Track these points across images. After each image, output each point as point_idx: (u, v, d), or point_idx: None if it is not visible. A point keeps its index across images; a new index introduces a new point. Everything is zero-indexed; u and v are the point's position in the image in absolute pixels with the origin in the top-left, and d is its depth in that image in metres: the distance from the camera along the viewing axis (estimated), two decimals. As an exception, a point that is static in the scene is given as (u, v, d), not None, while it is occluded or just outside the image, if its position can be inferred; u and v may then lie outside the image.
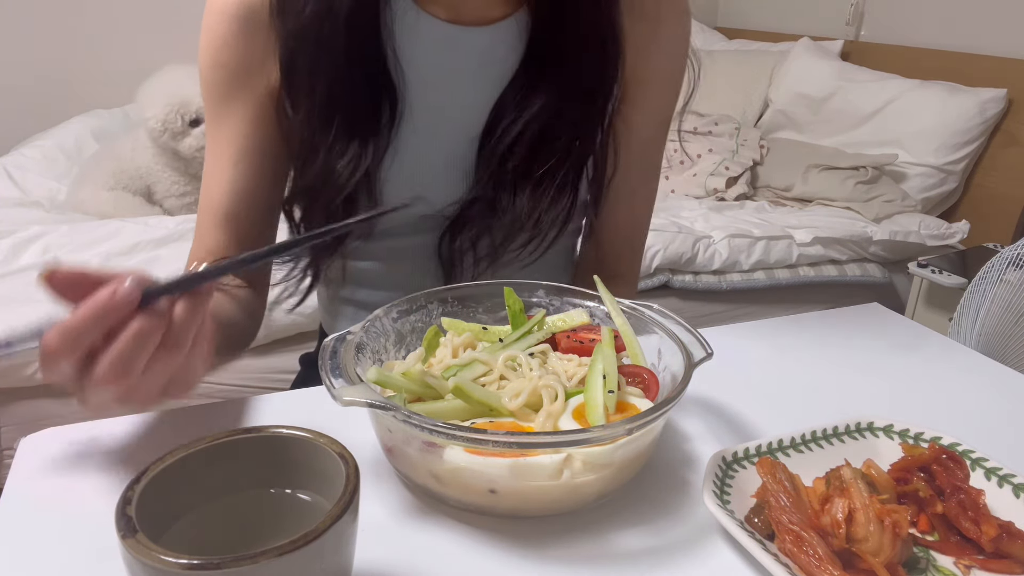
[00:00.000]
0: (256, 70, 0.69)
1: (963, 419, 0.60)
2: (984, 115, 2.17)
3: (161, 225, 1.83)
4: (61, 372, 0.42)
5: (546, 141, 0.69)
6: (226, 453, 0.38)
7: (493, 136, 0.70)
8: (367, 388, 0.45)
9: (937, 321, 1.95)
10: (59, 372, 0.42)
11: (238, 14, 0.67)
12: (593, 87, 0.70)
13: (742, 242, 1.98)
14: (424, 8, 0.68)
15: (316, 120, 0.67)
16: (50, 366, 0.42)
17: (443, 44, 0.69)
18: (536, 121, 0.69)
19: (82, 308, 0.41)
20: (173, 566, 0.30)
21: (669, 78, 0.76)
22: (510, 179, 0.70)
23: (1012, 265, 1.39)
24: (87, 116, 2.55)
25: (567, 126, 0.70)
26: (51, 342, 0.41)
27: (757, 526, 0.44)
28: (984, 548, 0.44)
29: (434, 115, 0.70)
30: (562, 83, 0.69)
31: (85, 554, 0.43)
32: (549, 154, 0.69)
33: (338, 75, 0.66)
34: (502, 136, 0.69)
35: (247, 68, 0.69)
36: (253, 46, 0.68)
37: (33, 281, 1.60)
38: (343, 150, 0.67)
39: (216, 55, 0.69)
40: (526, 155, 0.69)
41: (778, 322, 0.79)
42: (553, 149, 0.69)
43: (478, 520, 0.46)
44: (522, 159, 0.69)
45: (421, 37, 0.69)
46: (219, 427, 0.38)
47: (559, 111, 0.69)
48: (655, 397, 0.51)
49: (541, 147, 0.69)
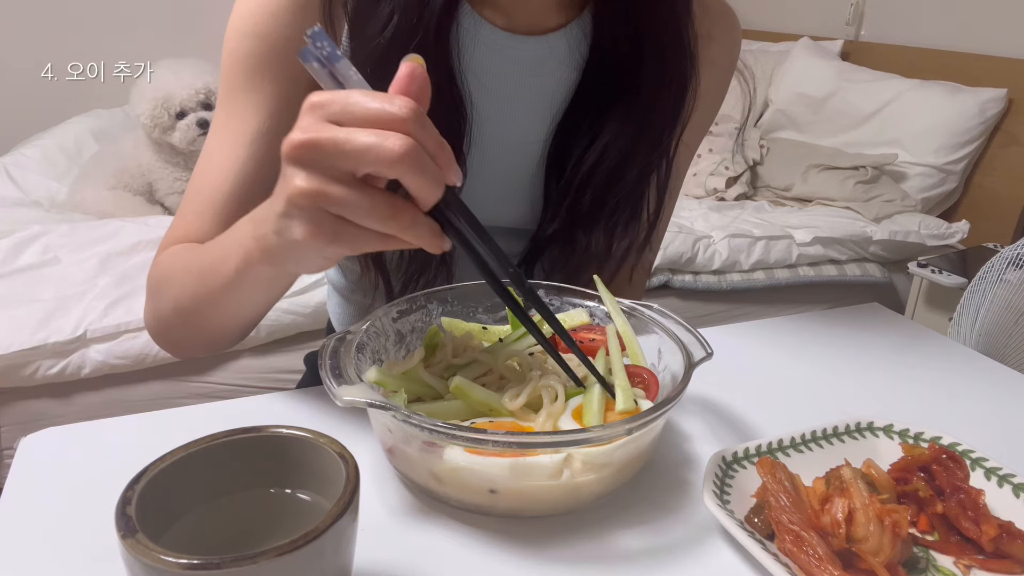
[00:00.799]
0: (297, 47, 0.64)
1: (963, 419, 0.60)
2: (984, 115, 2.17)
3: (161, 225, 1.83)
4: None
5: (622, 171, 0.66)
6: (226, 453, 0.38)
7: (566, 164, 0.66)
8: (367, 388, 0.45)
9: (937, 321, 1.95)
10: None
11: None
12: (669, 110, 0.66)
13: (742, 242, 1.98)
14: (481, 14, 0.65)
15: None
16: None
17: (497, 53, 0.65)
18: (612, 151, 0.65)
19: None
20: (173, 566, 0.30)
21: (716, 95, 0.74)
22: (586, 212, 0.67)
23: (1012, 265, 1.39)
24: (87, 116, 2.55)
25: (642, 154, 0.66)
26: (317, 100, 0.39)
27: (757, 526, 0.44)
28: (984, 548, 0.44)
29: (493, 128, 0.67)
30: (639, 109, 0.65)
31: (85, 554, 0.43)
32: (624, 184, 0.67)
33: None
34: (576, 166, 0.66)
35: (289, 42, 0.62)
36: (303, 23, 0.61)
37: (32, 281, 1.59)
38: None
39: (257, 25, 0.62)
40: (603, 186, 0.66)
41: (778, 322, 0.79)
42: (627, 179, 0.67)
43: (478, 520, 0.46)
44: (598, 190, 0.66)
45: (479, 45, 0.65)
46: (219, 427, 0.38)
47: (636, 140, 0.65)
48: (655, 397, 0.51)
49: (617, 177, 0.66)
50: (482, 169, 0.68)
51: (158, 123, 1.95)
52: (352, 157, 0.39)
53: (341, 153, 0.39)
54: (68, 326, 1.44)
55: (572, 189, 0.67)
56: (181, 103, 1.95)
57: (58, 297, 1.52)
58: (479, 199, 0.66)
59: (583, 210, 0.67)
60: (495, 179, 0.69)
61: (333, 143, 0.39)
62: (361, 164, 0.39)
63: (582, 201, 0.67)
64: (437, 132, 0.41)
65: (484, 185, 0.68)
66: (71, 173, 2.20)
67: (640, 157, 0.67)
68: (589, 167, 0.66)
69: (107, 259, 1.67)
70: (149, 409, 0.56)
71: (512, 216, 0.71)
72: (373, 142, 0.38)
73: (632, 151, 0.66)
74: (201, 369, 1.56)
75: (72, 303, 1.50)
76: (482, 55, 0.65)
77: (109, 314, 1.48)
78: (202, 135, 1.98)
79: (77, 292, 1.54)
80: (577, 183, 0.67)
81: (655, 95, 0.65)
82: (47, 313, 1.46)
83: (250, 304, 0.59)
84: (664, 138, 0.67)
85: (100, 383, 1.49)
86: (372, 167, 0.39)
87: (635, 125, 0.65)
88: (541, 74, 0.67)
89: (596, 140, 0.66)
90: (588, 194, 0.67)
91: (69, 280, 1.59)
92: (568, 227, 0.68)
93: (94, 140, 2.43)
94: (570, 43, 0.67)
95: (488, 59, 0.65)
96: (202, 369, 1.56)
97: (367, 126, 0.39)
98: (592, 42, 0.67)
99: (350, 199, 0.40)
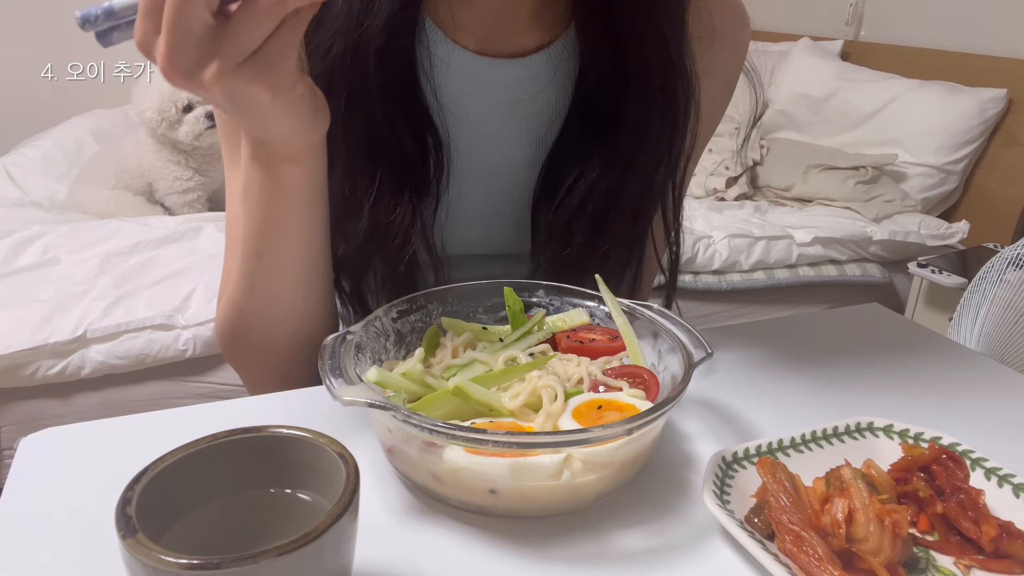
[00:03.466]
0: None
1: (963, 419, 0.60)
2: (984, 115, 2.17)
3: (161, 225, 1.84)
4: (156, 6, 0.39)
5: (608, 215, 0.61)
6: (226, 453, 0.38)
7: (554, 199, 0.62)
8: (367, 388, 0.45)
9: (937, 321, 1.95)
10: (156, 6, 0.39)
11: None
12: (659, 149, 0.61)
13: (742, 242, 1.98)
14: (455, 40, 0.61)
15: (356, 173, 0.59)
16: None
17: (472, 78, 0.62)
18: (599, 191, 0.60)
19: None
20: (173, 566, 0.30)
21: (722, 100, 0.70)
22: (574, 258, 0.62)
23: (1012, 265, 1.39)
24: (87, 116, 2.56)
25: (633, 197, 0.61)
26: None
27: (757, 526, 0.44)
28: (984, 548, 0.44)
29: (475, 156, 0.64)
30: (628, 142, 0.60)
31: (85, 554, 0.43)
32: (612, 230, 0.62)
33: (374, 119, 0.58)
34: (561, 206, 0.61)
35: None
36: None
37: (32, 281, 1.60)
38: (393, 202, 0.59)
39: None
40: (589, 232, 0.61)
41: (778, 322, 0.79)
42: (616, 225, 0.61)
43: (478, 520, 0.46)
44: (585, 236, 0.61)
45: (453, 72, 0.62)
46: (219, 427, 0.38)
47: (623, 180, 0.61)
48: (655, 397, 0.51)
49: (604, 222, 0.61)
50: (466, 198, 0.65)
51: (165, 117, 1.95)
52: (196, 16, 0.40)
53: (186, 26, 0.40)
54: (68, 326, 1.44)
55: (557, 232, 0.62)
56: (188, 96, 1.95)
57: (58, 297, 1.52)
58: (466, 228, 0.66)
59: (571, 257, 0.62)
60: (482, 208, 0.66)
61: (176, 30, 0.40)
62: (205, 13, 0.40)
63: (570, 244, 0.62)
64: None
65: (469, 214, 0.66)
66: (71, 173, 2.21)
67: (630, 200, 0.62)
68: (575, 207, 0.61)
69: (107, 259, 1.67)
70: (149, 409, 0.56)
71: (504, 243, 0.68)
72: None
73: (619, 192, 0.61)
74: (201, 369, 1.56)
75: (72, 303, 1.50)
76: (456, 82, 0.62)
77: (109, 314, 1.48)
78: (210, 127, 1.97)
79: (77, 292, 1.54)
80: (562, 226, 0.62)
81: (641, 132, 0.60)
82: (47, 313, 1.46)
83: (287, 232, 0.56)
84: (656, 179, 0.62)
85: (100, 383, 1.49)
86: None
87: (623, 164, 0.60)
88: (523, 99, 0.63)
89: (583, 175, 0.61)
90: (576, 238, 0.62)
91: (69, 280, 1.59)
92: (555, 273, 0.62)
93: (94, 140, 2.43)
94: (555, 64, 0.62)
95: (463, 86, 0.62)
96: (202, 369, 1.56)
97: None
98: (580, 62, 0.62)
99: (229, 40, 0.41)
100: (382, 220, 0.60)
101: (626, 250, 0.65)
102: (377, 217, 0.60)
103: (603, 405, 0.49)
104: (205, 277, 1.62)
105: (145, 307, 1.51)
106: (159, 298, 1.55)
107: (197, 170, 2.07)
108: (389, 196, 0.60)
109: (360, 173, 0.60)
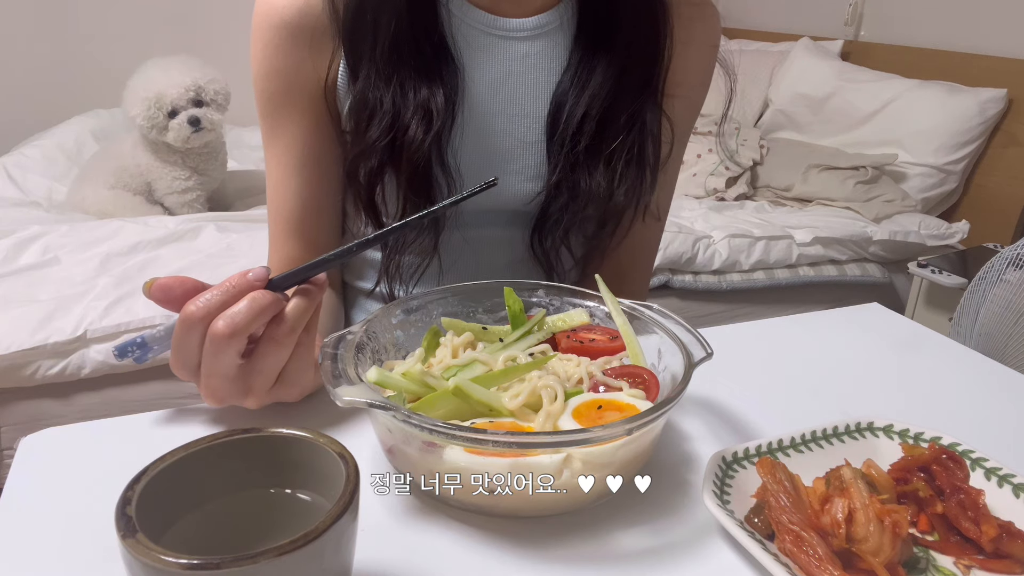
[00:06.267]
0: (307, 75, 0.69)
1: (963, 419, 0.60)
2: (984, 115, 2.17)
3: (161, 225, 1.83)
4: (189, 348, 0.49)
5: (611, 118, 0.70)
6: (226, 453, 0.38)
7: (560, 120, 0.71)
8: (367, 388, 0.45)
9: (937, 321, 1.95)
10: (188, 348, 0.49)
11: (286, 21, 0.67)
12: (647, 57, 0.71)
13: (742, 242, 1.98)
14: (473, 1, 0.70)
15: (378, 76, 0.67)
16: (184, 337, 0.49)
17: (486, 32, 0.70)
18: (598, 99, 0.69)
19: (219, 284, 0.49)
20: (173, 566, 0.30)
21: (704, 73, 0.78)
22: (583, 160, 0.70)
23: (1012, 265, 1.39)
24: (87, 116, 2.55)
25: (628, 100, 0.70)
26: (190, 309, 0.48)
27: (757, 526, 0.44)
28: (984, 548, 0.44)
29: (492, 93, 0.71)
30: (618, 58, 0.70)
31: (85, 554, 0.43)
32: (615, 130, 0.70)
33: (400, 25, 0.66)
34: (568, 119, 0.70)
35: (301, 73, 0.69)
36: (305, 50, 0.68)
37: (32, 281, 1.61)
38: (411, 108, 0.66)
39: (270, 63, 0.69)
40: (594, 134, 0.70)
41: (778, 322, 0.79)
42: (618, 125, 0.70)
43: (478, 520, 0.46)
44: (591, 138, 0.70)
45: (466, 24, 0.70)
46: (219, 427, 0.38)
47: (619, 86, 0.70)
48: (655, 397, 0.51)
49: (607, 124, 0.70)
50: (490, 128, 0.72)
51: (154, 124, 1.95)
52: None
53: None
54: (68, 326, 1.44)
55: (567, 140, 0.70)
56: (172, 102, 1.94)
57: (58, 297, 1.52)
58: (492, 159, 0.72)
59: (580, 158, 0.71)
60: (506, 140, 0.72)
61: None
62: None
63: (577, 149, 0.70)
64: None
65: (499, 147, 0.72)
66: (71, 173, 2.20)
67: (627, 99, 0.70)
68: (580, 117, 0.70)
69: (107, 259, 1.67)
70: (149, 409, 0.56)
71: (520, 185, 0.73)
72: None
73: (617, 93, 0.70)
74: (201, 369, 1.56)
75: (72, 303, 1.50)
76: (472, 32, 0.70)
77: (109, 314, 1.48)
78: (195, 131, 1.96)
79: (77, 292, 1.54)
80: (571, 134, 0.70)
81: (630, 37, 0.70)
82: (47, 313, 1.46)
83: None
84: (647, 79, 0.71)
85: (100, 383, 1.49)
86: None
87: (617, 69, 0.70)
88: (535, 59, 0.71)
89: (583, 93, 0.70)
90: (583, 141, 0.70)
91: (69, 280, 1.59)
92: (569, 175, 0.71)
93: (94, 140, 2.43)
94: (562, 19, 0.72)
95: (476, 34, 0.70)
96: (202, 369, 1.56)
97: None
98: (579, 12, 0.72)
99: (255, 373, 0.52)
100: (399, 125, 0.66)
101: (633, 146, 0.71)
102: (394, 121, 0.66)
103: (603, 405, 0.49)
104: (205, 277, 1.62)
105: (145, 307, 1.51)
106: (159, 298, 1.55)
107: (195, 169, 2.07)
108: (407, 101, 0.66)
109: (381, 75, 0.66)
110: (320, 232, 0.76)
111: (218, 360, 0.49)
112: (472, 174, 0.71)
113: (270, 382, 0.52)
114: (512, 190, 0.73)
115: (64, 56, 2.71)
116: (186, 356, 0.49)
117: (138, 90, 1.95)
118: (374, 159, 0.68)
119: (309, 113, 0.71)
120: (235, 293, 0.49)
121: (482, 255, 0.77)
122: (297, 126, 0.71)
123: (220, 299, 0.48)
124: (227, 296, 0.48)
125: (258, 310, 0.48)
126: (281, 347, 0.50)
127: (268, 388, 0.52)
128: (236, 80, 2.12)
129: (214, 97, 2.01)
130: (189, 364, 0.50)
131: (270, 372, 0.51)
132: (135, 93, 1.95)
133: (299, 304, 0.51)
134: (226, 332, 0.47)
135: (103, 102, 2.60)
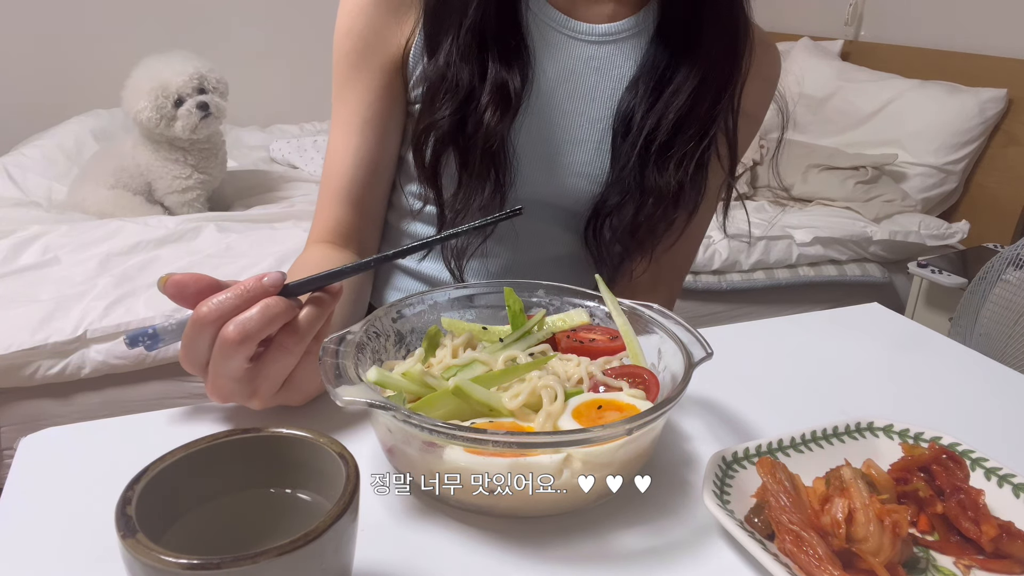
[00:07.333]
0: (387, 39, 0.72)
1: (963, 419, 0.60)
2: (984, 115, 2.17)
3: (161, 225, 1.83)
4: (199, 348, 0.49)
5: (686, 122, 0.72)
6: (226, 453, 0.38)
7: (634, 119, 0.73)
8: (367, 388, 0.45)
9: (937, 321, 1.95)
10: (198, 348, 0.49)
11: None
12: (727, 68, 0.72)
13: (742, 242, 1.98)
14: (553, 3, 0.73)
15: (462, 54, 0.69)
16: (195, 337, 0.49)
17: (557, 30, 0.73)
18: (677, 103, 0.71)
19: (233, 287, 0.49)
20: (173, 566, 0.30)
21: (761, 106, 0.81)
22: (654, 160, 0.73)
23: (1012, 265, 1.40)
24: (87, 116, 2.55)
25: (704, 106, 0.72)
26: (203, 311, 0.48)
27: (757, 526, 0.44)
28: (984, 548, 0.44)
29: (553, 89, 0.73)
30: (700, 66, 0.71)
31: (85, 554, 0.43)
32: (689, 135, 0.72)
33: (488, 13, 0.68)
34: (643, 119, 0.72)
35: (379, 36, 0.73)
36: (390, 15, 0.72)
37: (32, 281, 1.60)
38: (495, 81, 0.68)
39: (351, 22, 0.73)
40: (668, 135, 0.72)
41: (778, 322, 0.79)
42: (692, 130, 0.72)
43: (478, 520, 0.46)
44: (667, 135, 0.72)
45: (540, 16, 0.73)
46: (219, 427, 0.38)
47: (698, 93, 0.71)
48: (655, 397, 0.51)
49: (681, 128, 0.72)
50: (553, 123, 0.74)
51: (163, 114, 1.94)
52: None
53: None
54: (68, 326, 1.44)
55: (640, 140, 0.72)
56: (178, 89, 1.94)
57: (58, 297, 1.52)
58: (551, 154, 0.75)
59: (652, 158, 0.73)
60: (568, 136, 0.75)
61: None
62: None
63: (650, 148, 0.72)
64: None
65: (559, 142, 0.75)
66: (71, 173, 2.20)
67: (704, 105, 0.72)
68: (658, 118, 0.72)
69: (107, 259, 1.67)
70: (149, 409, 0.56)
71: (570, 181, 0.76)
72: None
73: (696, 99, 0.72)
74: (201, 369, 1.56)
75: (72, 303, 1.50)
76: (543, 29, 0.73)
77: (109, 314, 1.48)
78: (204, 117, 1.97)
79: (77, 292, 1.54)
80: (645, 134, 0.72)
81: (713, 47, 0.71)
82: (47, 313, 1.46)
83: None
84: (724, 87, 0.73)
85: (100, 383, 1.49)
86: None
87: (697, 77, 0.71)
88: (598, 63, 0.74)
89: (660, 97, 0.72)
90: (659, 139, 0.72)
91: (69, 280, 1.59)
92: (638, 173, 0.73)
93: (94, 140, 2.43)
94: (639, 27, 0.75)
95: (550, 37, 0.73)
96: (202, 369, 1.56)
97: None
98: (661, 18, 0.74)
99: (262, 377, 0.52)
100: (475, 104, 0.69)
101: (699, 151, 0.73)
102: (467, 99, 0.69)
103: (603, 405, 0.49)
104: (205, 277, 1.61)
105: (145, 307, 1.51)
106: (159, 298, 1.55)
107: (196, 167, 2.06)
108: (484, 81, 0.69)
109: (462, 53, 0.69)
110: (371, 197, 0.78)
111: (226, 363, 0.49)
112: (526, 164, 0.73)
113: (276, 387, 0.52)
114: (565, 184, 0.75)
115: (64, 56, 2.71)
116: (196, 355, 0.50)
117: (142, 83, 1.95)
118: (443, 131, 0.70)
119: (381, 76, 0.74)
120: (249, 297, 0.49)
121: (522, 247, 0.80)
122: (367, 87, 0.74)
123: (233, 303, 0.49)
124: (240, 300, 0.49)
125: (270, 317, 0.49)
126: (290, 355, 0.51)
127: (273, 392, 0.53)
128: (235, 80, 2.13)
129: (216, 86, 2.02)
130: (198, 362, 0.50)
131: (277, 377, 0.52)
132: (138, 87, 1.95)
133: (311, 313, 0.52)
134: (236, 338, 0.48)
135: (103, 102, 2.60)
